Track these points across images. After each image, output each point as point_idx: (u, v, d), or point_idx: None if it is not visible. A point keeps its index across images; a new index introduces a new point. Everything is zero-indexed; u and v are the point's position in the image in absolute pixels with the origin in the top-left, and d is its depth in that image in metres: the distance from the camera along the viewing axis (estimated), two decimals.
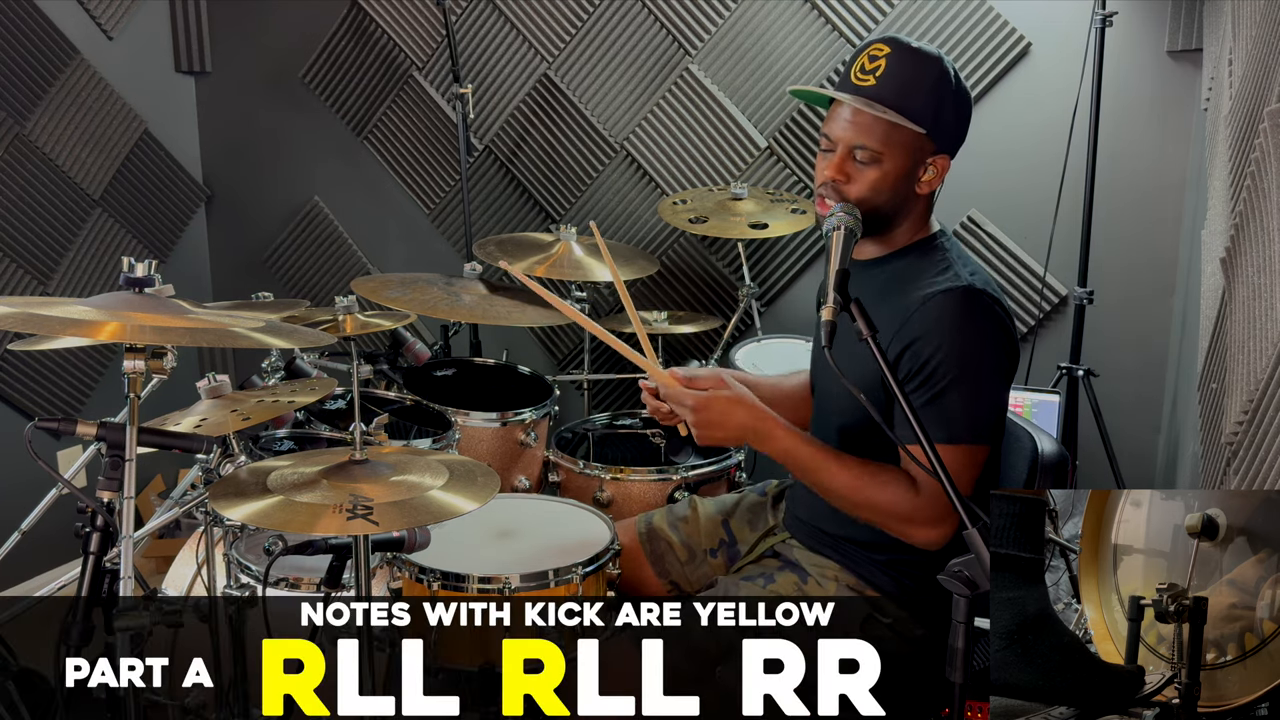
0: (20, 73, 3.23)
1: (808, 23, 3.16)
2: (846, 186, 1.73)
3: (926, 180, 1.77)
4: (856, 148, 1.72)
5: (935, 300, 1.69)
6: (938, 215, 1.90)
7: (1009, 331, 1.74)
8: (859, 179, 1.73)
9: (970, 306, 1.69)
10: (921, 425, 1.39)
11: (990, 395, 1.72)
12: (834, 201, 1.74)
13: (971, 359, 1.67)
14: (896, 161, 1.72)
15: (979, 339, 1.70)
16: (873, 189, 1.73)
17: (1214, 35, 2.64)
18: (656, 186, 3.42)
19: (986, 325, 1.71)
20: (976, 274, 1.75)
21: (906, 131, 1.71)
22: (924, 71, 1.72)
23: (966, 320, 1.68)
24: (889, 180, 1.73)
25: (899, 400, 1.43)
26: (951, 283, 1.71)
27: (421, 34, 3.59)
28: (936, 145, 1.75)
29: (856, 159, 1.73)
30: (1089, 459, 2.95)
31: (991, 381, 1.72)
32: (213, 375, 2.06)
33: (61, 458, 3.19)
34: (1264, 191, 1.66)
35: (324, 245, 3.88)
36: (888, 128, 1.71)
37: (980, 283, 1.73)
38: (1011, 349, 1.75)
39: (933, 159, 1.75)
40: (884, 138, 1.71)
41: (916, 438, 1.40)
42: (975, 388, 1.67)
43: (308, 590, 1.95)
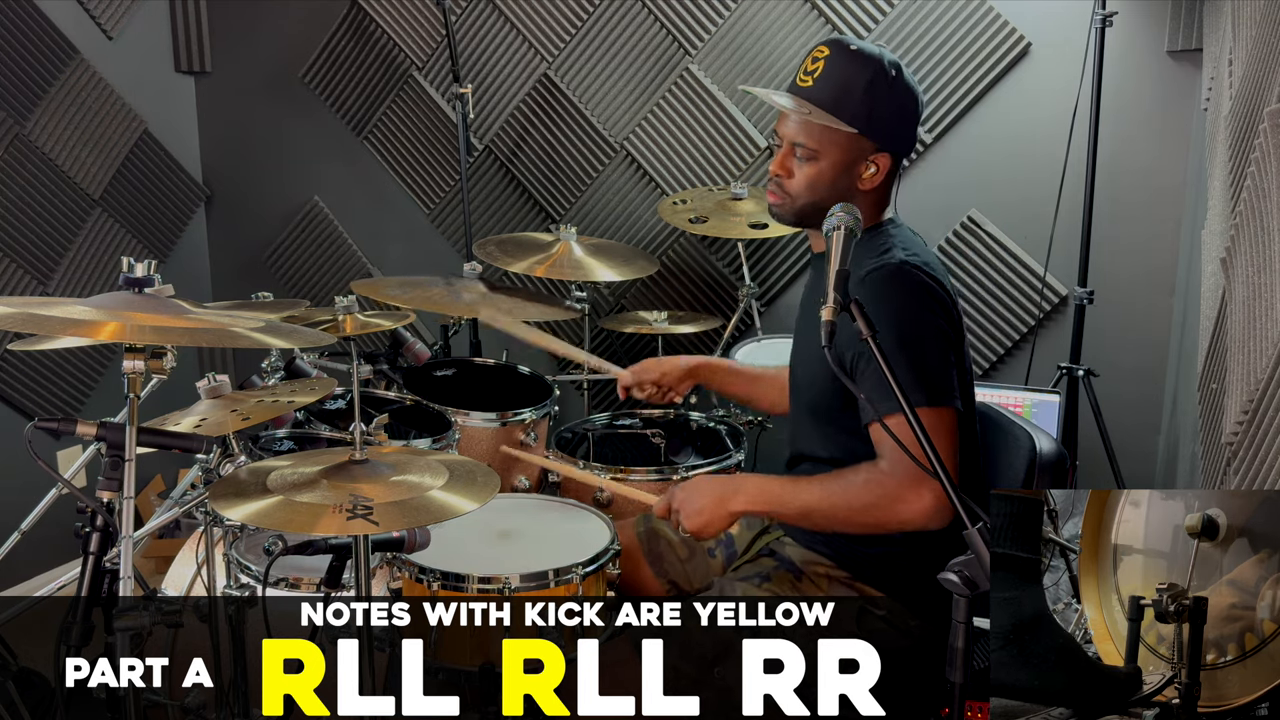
0: (20, 73, 3.23)
1: (808, 23, 3.16)
2: (788, 181, 1.85)
3: (869, 177, 1.83)
4: (796, 145, 1.83)
5: (868, 279, 1.75)
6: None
7: (940, 298, 1.77)
8: (799, 174, 1.83)
9: (899, 278, 1.75)
10: (906, 396, 1.40)
11: (936, 358, 1.74)
12: (780, 194, 1.86)
13: (907, 326, 1.71)
14: (832, 159, 1.81)
15: (912, 307, 1.74)
16: (810, 184, 1.83)
17: (1214, 35, 2.64)
18: (656, 186, 3.42)
19: (917, 292, 1.76)
20: (915, 255, 1.80)
21: (840, 131, 1.79)
22: (859, 73, 1.79)
23: (896, 291, 1.74)
24: (826, 177, 1.82)
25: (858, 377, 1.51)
26: (884, 261, 1.77)
27: (421, 34, 3.59)
28: (876, 144, 1.81)
29: (797, 155, 1.83)
30: (1089, 459, 2.95)
31: (933, 345, 1.74)
32: (213, 375, 2.06)
33: (61, 458, 3.19)
34: (1264, 191, 1.66)
35: (324, 245, 3.88)
36: (821, 128, 1.79)
37: (916, 261, 1.78)
38: (947, 314, 1.78)
39: (874, 157, 1.82)
40: (819, 137, 1.80)
41: (877, 415, 1.45)
42: (918, 352, 1.70)
43: (308, 590, 1.95)
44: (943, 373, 1.74)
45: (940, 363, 1.74)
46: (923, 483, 1.67)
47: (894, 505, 1.70)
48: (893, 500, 1.69)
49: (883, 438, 1.70)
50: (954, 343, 1.79)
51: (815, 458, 1.92)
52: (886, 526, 1.73)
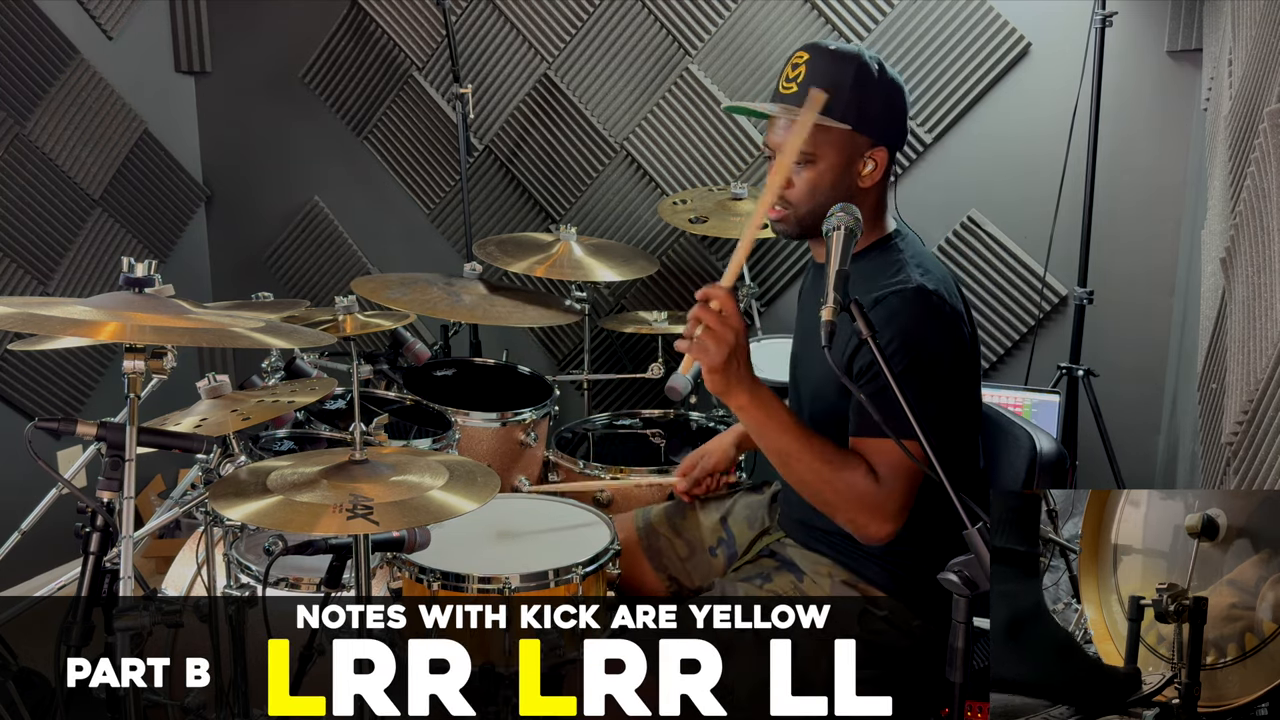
0: (20, 73, 3.23)
1: (808, 23, 3.16)
2: (789, 191, 1.81)
3: (868, 174, 1.82)
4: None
5: (885, 301, 1.73)
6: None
7: (957, 327, 1.77)
8: (798, 182, 1.80)
9: (918, 305, 1.73)
10: (920, 419, 1.39)
11: (943, 388, 1.73)
12: (782, 207, 1.82)
13: (920, 353, 1.69)
14: (830, 160, 1.79)
15: (926, 334, 1.73)
16: (811, 189, 1.80)
17: (1214, 35, 2.64)
18: (656, 186, 3.42)
19: (934, 321, 1.74)
20: (929, 274, 1.79)
21: (833, 130, 1.78)
22: (842, 70, 1.78)
23: (913, 318, 1.72)
24: (826, 179, 1.80)
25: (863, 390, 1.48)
26: (903, 284, 1.75)
27: (421, 34, 3.59)
28: (871, 139, 1.81)
29: (794, 163, 1.80)
30: (1089, 459, 2.95)
31: (943, 375, 1.73)
32: (213, 375, 2.05)
33: (61, 458, 3.19)
34: (1264, 191, 1.66)
35: (324, 245, 3.88)
36: (816, 129, 1.76)
37: (932, 283, 1.76)
38: (960, 343, 1.78)
39: (870, 152, 1.81)
40: (813, 139, 1.77)
41: (883, 430, 1.43)
42: (926, 381, 1.69)
43: (308, 590, 1.95)
44: (948, 406, 1.74)
45: (946, 395, 1.74)
46: (899, 516, 1.69)
47: (860, 513, 1.69)
48: (865, 512, 1.69)
49: (881, 458, 1.69)
50: (964, 373, 1.79)
51: None
52: (836, 516, 1.73)
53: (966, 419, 1.84)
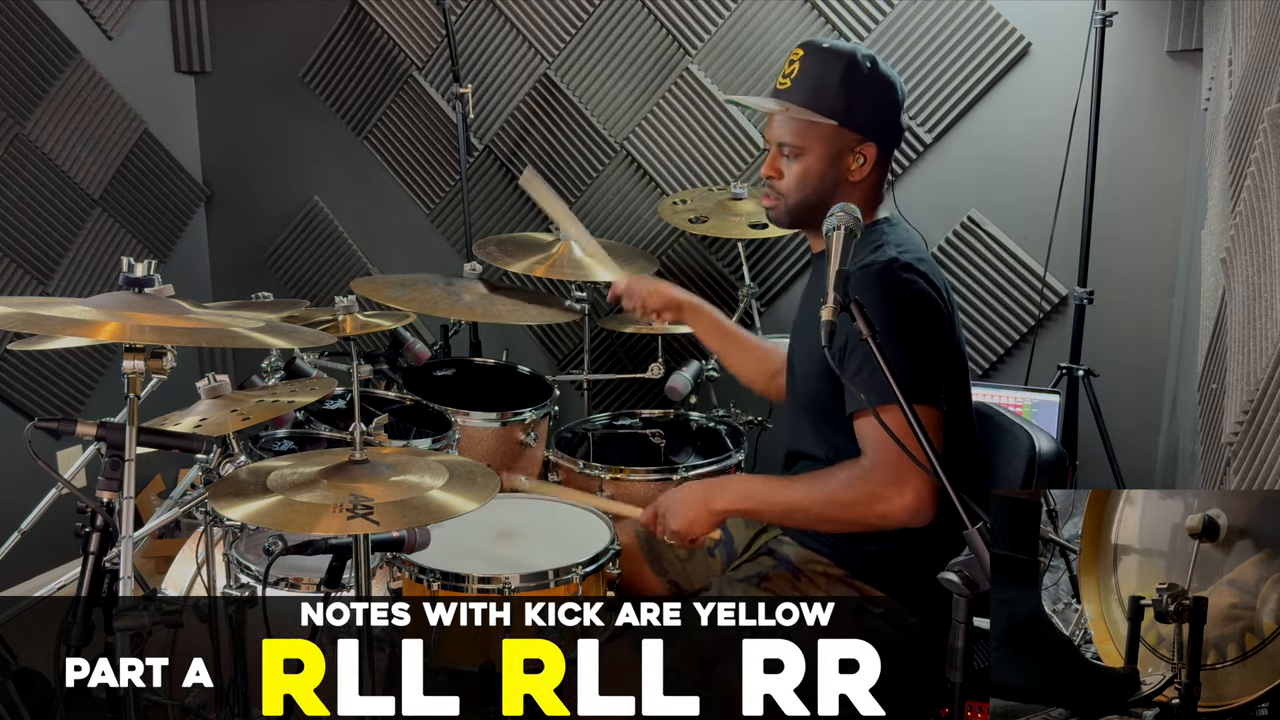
0: (20, 73, 3.23)
1: (808, 23, 3.16)
2: (779, 182, 1.90)
3: (857, 168, 1.87)
4: (782, 145, 1.89)
5: (858, 274, 1.76)
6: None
7: (928, 297, 1.78)
8: (788, 173, 1.89)
9: (888, 275, 1.77)
10: (905, 391, 1.40)
11: (921, 356, 1.74)
12: (773, 196, 1.92)
13: (894, 322, 1.70)
14: (817, 153, 1.86)
15: (897, 304, 1.75)
16: (799, 181, 1.88)
17: (1214, 35, 2.64)
18: (656, 186, 3.42)
19: (903, 290, 1.77)
20: (907, 251, 1.81)
21: (821, 125, 1.84)
22: (832, 67, 1.84)
23: (884, 288, 1.75)
24: (814, 171, 1.87)
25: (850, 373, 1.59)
26: (876, 258, 1.79)
27: (421, 34, 3.59)
28: (859, 134, 1.85)
29: (785, 155, 1.88)
30: (1089, 459, 2.95)
31: (917, 343, 1.74)
32: (212, 375, 2.06)
33: (61, 458, 3.19)
34: (1264, 191, 1.66)
35: (324, 245, 3.88)
36: (803, 124, 1.85)
37: (908, 257, 1.79)
38: (935, 313, 1.79)
39: (860, 148, 1.86)
40: (801, 134, 1.85)
41: (869, 404, 1.50)
42: (901, 350, 1.70)
43: (308, 590, 1.95)
44: (925, 371, 1.74)
45: (923, 361, 1.74)
46: (904, 480, 1.67)
47: (874, 503, 1.70)
48: (873, 498, 1.70)
49: (865, 434, 1.72)
50: (941, 342, 1.79)
51: (811, 455, 1.92)
52: (868, 523, 1.73)
53: (953, 393, 1.82)
